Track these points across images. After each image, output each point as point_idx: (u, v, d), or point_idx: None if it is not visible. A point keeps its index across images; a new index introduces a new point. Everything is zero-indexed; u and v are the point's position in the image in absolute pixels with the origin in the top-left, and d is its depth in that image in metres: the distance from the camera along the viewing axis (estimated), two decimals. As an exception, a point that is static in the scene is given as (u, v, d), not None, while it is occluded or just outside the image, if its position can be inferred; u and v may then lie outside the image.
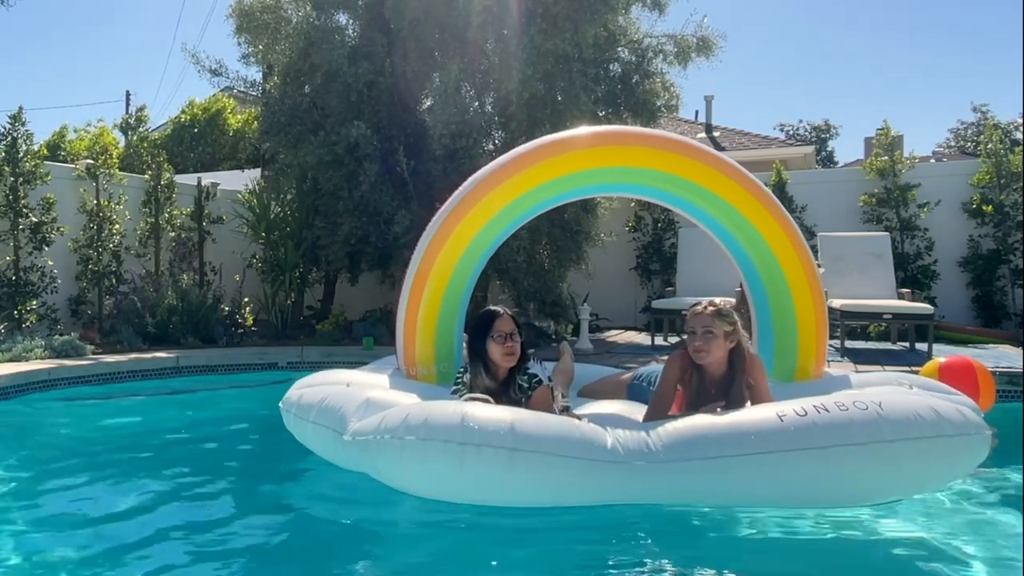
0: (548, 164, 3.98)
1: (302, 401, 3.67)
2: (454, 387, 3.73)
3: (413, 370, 4.20)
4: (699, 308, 3.59)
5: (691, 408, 3.54)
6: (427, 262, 4.20)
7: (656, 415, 3.47)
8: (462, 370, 3.79)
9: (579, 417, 3.39)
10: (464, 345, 4.25)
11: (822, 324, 4.15)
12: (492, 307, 3.77)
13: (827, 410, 2.93)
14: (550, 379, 3.80)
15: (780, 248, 4.08)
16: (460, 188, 4.22)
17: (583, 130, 4.25)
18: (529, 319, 8.35)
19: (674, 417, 3.28)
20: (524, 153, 4.06)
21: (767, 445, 2.85)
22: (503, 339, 3.59)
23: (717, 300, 3.67)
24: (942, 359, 4.61)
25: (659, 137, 4.14)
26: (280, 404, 3.86)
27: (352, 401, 3.40)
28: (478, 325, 3.69)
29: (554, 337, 8.33)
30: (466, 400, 3.30)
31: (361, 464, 3.30)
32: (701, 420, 3.09)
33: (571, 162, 4.01)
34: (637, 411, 3.80)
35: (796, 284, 4.09)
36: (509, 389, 3.62)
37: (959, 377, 4.30)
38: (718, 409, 3.37)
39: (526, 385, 3.64)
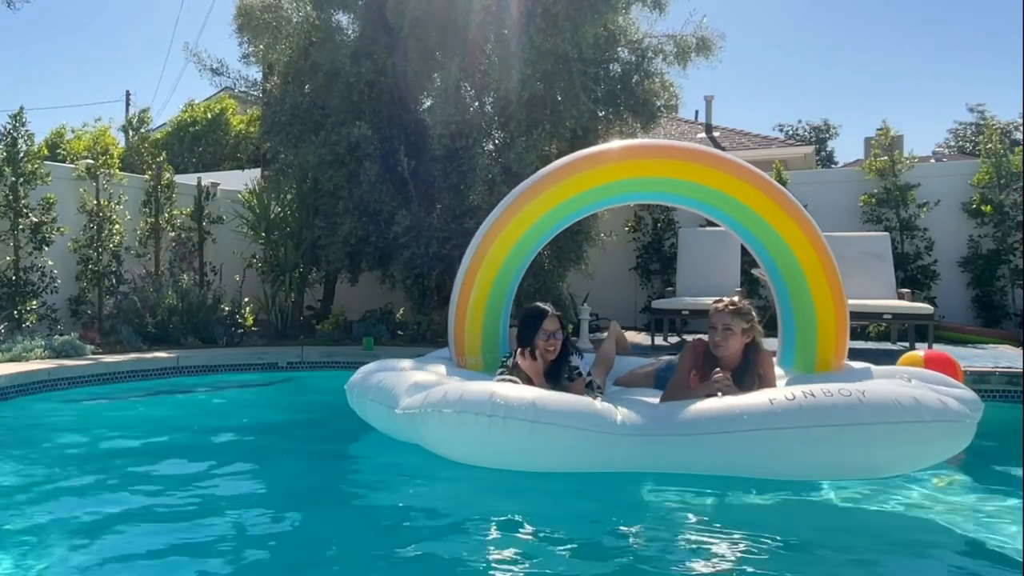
0: (585, 175, 4.48)
1: (363, 383, 4.23)
2: (499, 371, 4.14)
3: (462, 359, 4.73)
4: (720, 305, 3.97)
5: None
6: (475, 263, 4.69)
7: (671, 398, 3.81)
8: (506, 356, 4.24)
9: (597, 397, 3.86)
10: (510, 337, 4.81)
11: (842, 319, 4.43)
12: (540, 305, 4.20)
13: (814, 396, 3.27)
14: (589, 373, 4.27)
15: (800, 249, 4.36)
16: (506, 197, 4.75)
17: (616, 144, 4.77)
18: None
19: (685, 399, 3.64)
20: (563, 166, 4.58)
21: (757, 424, 3.24)
22: (548, 336, 4.06)
23: (736, 298, 3.98)
24: (918, 353, 4.77)
25: (683, 148, 4.61)
26: (345, 386, 4.38)
27: (403, 382, 3.92)
28: (528, 320, 4.14)
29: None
30: (497, 380, 3.79)
31: (409, 434, 3.78)
32: (703, 402, 3.47)
33: (605, 174, 4.48)
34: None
35: (815, 282, 4.39)
36: (553, 378, 4.05)
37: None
38: (719, 379, 3.73)
39: (565, 375, 4.12)
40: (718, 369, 3.84)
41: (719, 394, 3.61)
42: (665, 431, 3.35)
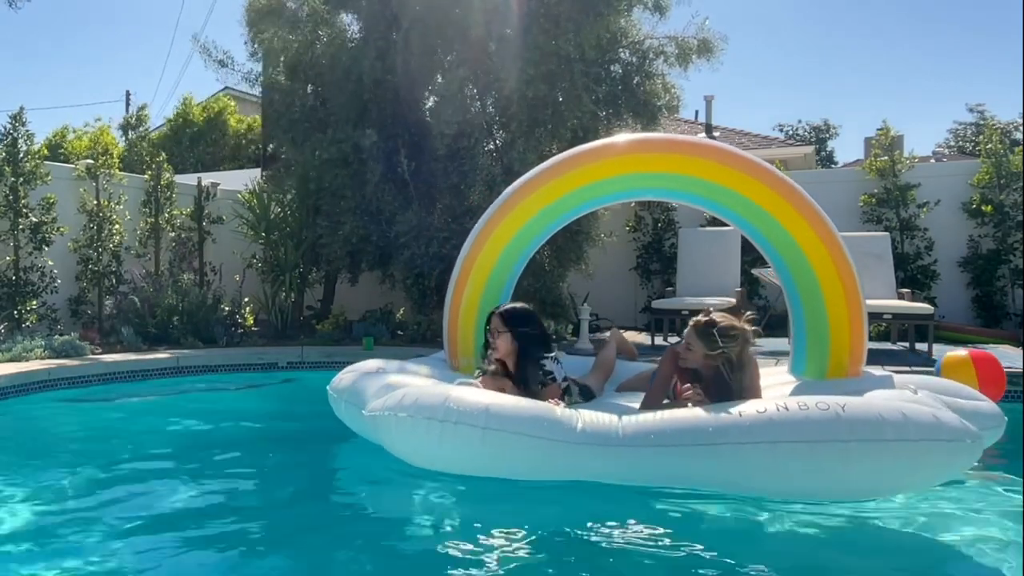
0: (585, 169, 4.28)
1: (341, 385, 4.18)
2: (476, 373, 4.15)
3: (456, 361, 4.60)
4: (695, 319, 3.75)
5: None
6: (468, 262, 4.54)
7: (651, 404, 3.71)
8: (485, 359, 4.21)
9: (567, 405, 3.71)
10: None
11: (857, 323, 4.10)
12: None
13: (787, 409, 3.06)
14: (565, 379, 4.16)
15: (810, 248, 4.12)
16: (503, 193, 4.56)
17: (621, 137, 4.55)
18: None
19: (663, 407, 3.56)
20: (564, 159, 4.37)
21: (721, 437, 3.05)
22: (489, 334, 4.09)
23: (714, 313, 3.73)
24: (961, 352, 4.62)
25: (689, 143, 4.44)
26: (328, 387, 4.30)
27: (375, 383, 3.87)
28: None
29: (554, 337, 8.32)
30: (457, 384, 3.74)
31: (374, 436, 3.75)
32: (668, 413, 3.32)
33: (607, 168, 4.27)
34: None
35: (827, 283, 4.11)
36: (523, 381, 4.02)
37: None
38: (689, 396, 3.69)
39: (538, 381, 4.03)
40: (688, 384, 3.73)
41: (689, 405, 3.49)
42: (624, 442, 3.16)
